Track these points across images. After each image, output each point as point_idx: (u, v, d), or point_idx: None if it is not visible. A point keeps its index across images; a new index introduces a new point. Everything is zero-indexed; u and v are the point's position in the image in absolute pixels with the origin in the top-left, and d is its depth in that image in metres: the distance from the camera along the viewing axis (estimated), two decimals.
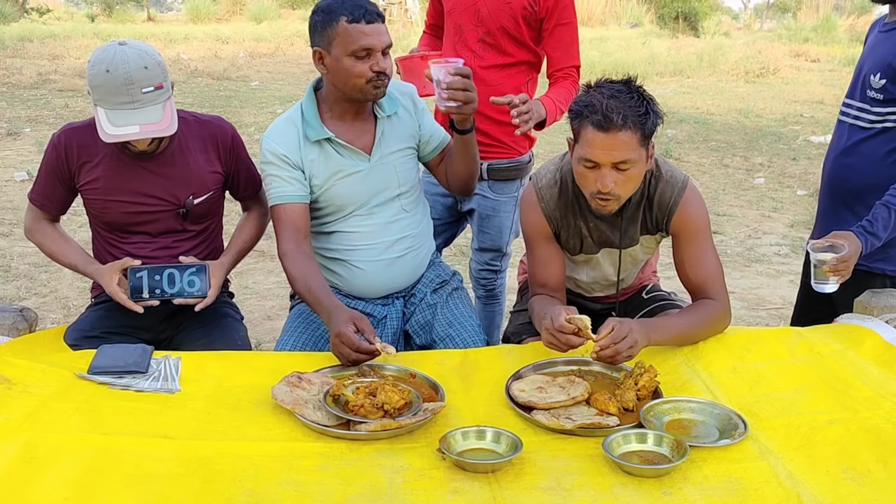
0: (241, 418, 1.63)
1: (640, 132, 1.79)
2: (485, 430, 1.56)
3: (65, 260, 2.15)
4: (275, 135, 2.08)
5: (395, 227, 2.18)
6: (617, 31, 19.19)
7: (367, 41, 1.94)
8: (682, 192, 1.98)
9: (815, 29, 19.79)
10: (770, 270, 4.76)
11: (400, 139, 2.17)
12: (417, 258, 2.25)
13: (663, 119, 1.87)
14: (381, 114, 2.12)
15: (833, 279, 2.02)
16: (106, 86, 1.92)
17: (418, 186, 2.28)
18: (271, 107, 9.83)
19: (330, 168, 2.09)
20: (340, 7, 1.94)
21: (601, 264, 2.14)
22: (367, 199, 2.14)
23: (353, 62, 1.96)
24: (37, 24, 19.26)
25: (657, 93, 10.93)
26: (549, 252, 2.09)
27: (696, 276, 2.00)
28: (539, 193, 2.05)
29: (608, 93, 1.80)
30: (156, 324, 2.17)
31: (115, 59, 1.93)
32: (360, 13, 1.93)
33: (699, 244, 2.00)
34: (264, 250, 4.87)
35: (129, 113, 1.93)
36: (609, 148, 1.79)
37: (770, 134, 8.83)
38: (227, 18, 23.03)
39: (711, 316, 1.97)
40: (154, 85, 1.95)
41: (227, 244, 2.28)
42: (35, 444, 1.46)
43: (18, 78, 11.06)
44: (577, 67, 2.62)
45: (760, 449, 1.51)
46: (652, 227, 2.04)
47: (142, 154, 2.11)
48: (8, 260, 4.62)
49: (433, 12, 2.81)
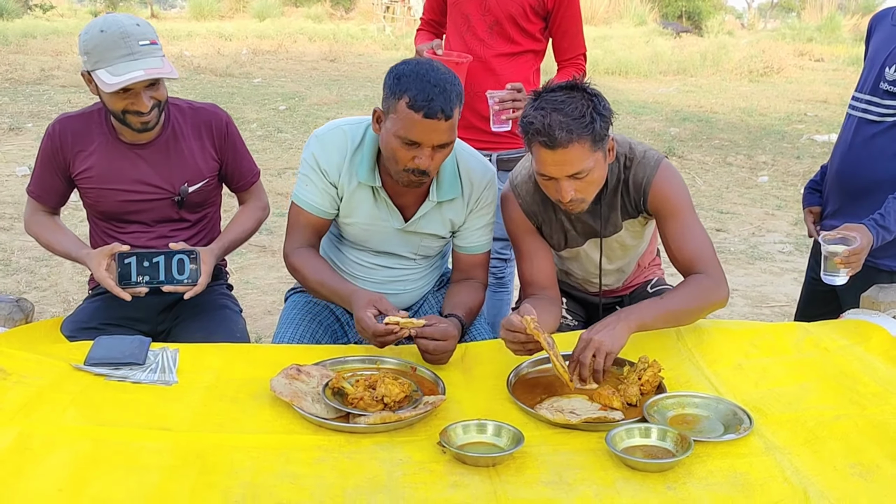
0: (238, 410, 1.61)
1: (588, 141, 1.75)
2: (486, 424, 1.54)
3: (59, 248, 2.13)
4: (327, 145, 1.98)
5: (396, 272, 2.14)
6: (620, 30, 19.16)
7: (417, 134, 1.79)
8: (654, 170, 1.95)
9: (819, 29, 19.77)
10: (774, 268, 4.73)
11: (440, 225, 2.07)
12: (414, 296, 2.20)
13: (611, 115, 1.81)
14: (434, 197, 2.00)
15: (844, 271, 2.00)
16: (103, 44, 1.91)
17: (437, 258, 2.22)
18: (273, 103, 9.82)
19: (362, 208, 2.02)
20: (411, 85, 1.77)
21: (590, 256, 2.12)
22: (379, 246, 2.10)
23: (399, 144, 1.81)
24: (40, 21, 19.27)
25: (659, 91, 10.90)
26: (534, 245, 2.07)
27: (682, 253, 1.95)
28: (515, 190, 2.04)
29: (550, 106, 1.74)
30: (153, 315, 2.15)
31: (107, 20, 1.94)
32: (423, 102, 1.75)
33: (680, 220, 1.96)
34: (265, 245, 4.85)
35: (131, 63, 1.91)
36: (559, 163, 1.77)
37: (774, 133, 8.80)
38: (230, 15, 23.04)
39: (701, 288, 1.90)
40: (149, 39, 1.95)
41: (222, 233, 2.25)
42: (29, 434, 1.44)
43: (21, 74, 11.06)
44: (583, 54, 2.70)
45: (766, 444, 1.49)
46: (632, 209, 2.02)
47: (136, 142, 2.09)
48: (8, 254, 4.61)
49: (434, 7, 2.80)
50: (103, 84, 1.91)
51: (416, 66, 1.81)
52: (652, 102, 10.73)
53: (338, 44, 16.36)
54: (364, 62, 14.44)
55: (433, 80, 1.77)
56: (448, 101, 1.78)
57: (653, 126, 8.97)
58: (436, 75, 1.78)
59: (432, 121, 1.77)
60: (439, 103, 1.76)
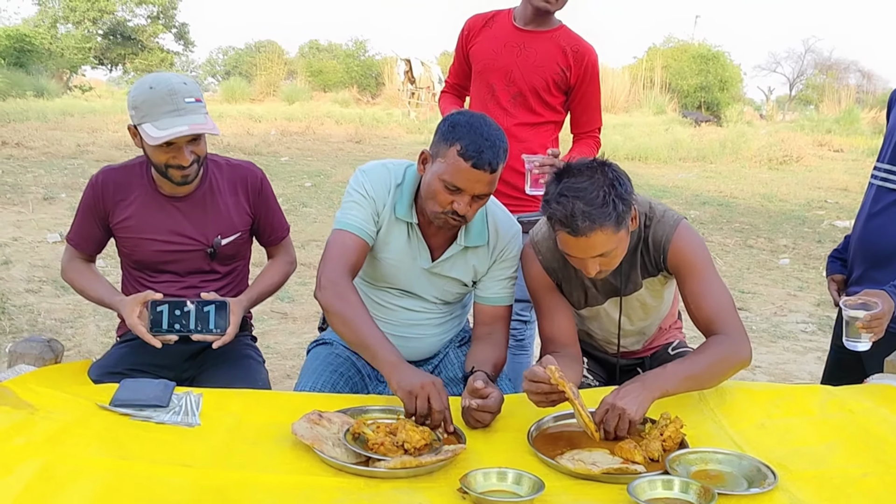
0: (260, 452, 1.61)
1: (611, 226, 1.78)
2: (506, 472, 1.53)
3: (93, 294, 2.18)
4: (373, 176, 2.05)
5: (417, 315, 2.16)
6: (640, 118, 19.54)
7: (461, 181, 1.87)
8: (674, 228, 1.97)
9: (838, 121, 20.04)
10: (797, 347, 4.68)
11: (464, 271, 2.12)
12: (434, 343, 2.22)
13: (632, 195, 1.84)
14: (462, 241, 2.07)
15: (866, 336, 1.99)
16: (151, 100, 2.00)
17: (457, 306, 2.25)
18: (300, 180, 10.05)
19: (396, 243, 2.07)
20: (465, 135, 1.86)
21: (611, 316, 2.13)
22: (404, 285, 2.13)
23: (442, 188, 1.89)
24: (79, 101, 20.05)
25: (679, 177, 10.98)
26: (554, 302, 2.09)
27: (701, 311, 1.95)
28: (536, 247, 2.07)
29: (572, 194, 1.77)
30: (178, 362, 2.18)
31: (157, 79, 2.04)
32: (473, 153, 1.84)
33: (699, 277, 1.96)
34: (287, 312, 4.89)
35: (175, 118, 1.99)
36: (584, 248, 1.81)
37: (794, 218, 8.83)
38: (261, 99, 23.85)
39: (723, 350, 1.89)
40: (195, 97, 2.03)
41: (250, 285, 2.30)
42: (54, 465, 1.45)
43: (58, 148, 11.44)
44: (599, 128, 2.81)
45: (791, 499, 1.46)
46: (652, 268, 2.03)
47: (174, 194, 2.16)
48: (35, 315, 4.68)
49: (459, 72, 2.91)
50: (148, 137, 2.00)
51: (471, 118, 1.92)
52: (672, 187, 10.85)
53: (363, 127, 16.80)
54: (388, 144, 14.79)
55: (485, 134, 1.87)
56: (496, 155, 1.87)
57: (673, 209, 9.03)
58: (488, 130, 1.88)
59: (479, 171, 1.86)
60: (488, 156, 1.85)
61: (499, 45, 2.73)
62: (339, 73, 28.85)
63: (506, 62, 2.71)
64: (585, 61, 2.71)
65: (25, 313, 4.69)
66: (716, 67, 23.95)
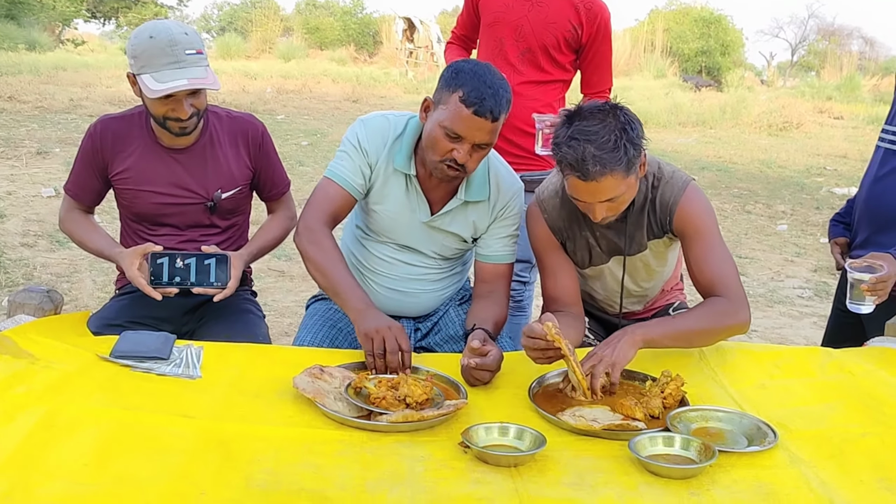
0: (261, 404, 1.61)
1: (621, 171, 1.76)
2: (508, 427, 1.54)
3: (92, 245, 2.16)
4: (371, 128, 2.04)
5: (416, 269, 2.15)
6: (640, 82, 19.36)
7: (462, 128, 1.84)
8: (682, 190, 1.96)
9: (839, 88, 19.87)
10: (793, 312, 4.70)
11: (463, 226, 2.10)
12: (432, 298, 2.21)
13: (643, 140, 1.82)
14: (462, 196, 2.04)
15: (870, 299, 1.99)
16: (151, 50, 1.95)
17: (457, 263, 2.23)
18: (296, 139, 9.97)
19: (393, 195, 2.05)
20: (468, 81, 1.84)
21: (615, 274, 2.12)
22: (403, 239, 2.12)
23: (442, 135, 1.86)
24: (71, 55, 19.72)
25: (678, 142, 10.88)
26: (558, 261, 2.07)
27: (703, 276, 1.95)
28: (542, 205, 2.06)
29: (583, 137, 1.74)
30: (178, 316, 2.17)
31: (157, 27, 1.99)
32: (475, 99, 1.81)
33: (704, 242, 1.95)
34: (284, 270, 4.88)
35: (176, 71, 1.96)
36: (593, 192, 1.79)
37: (793, 184, 8.80)
38: (256, 56, 23.50)
39: (717, 311, 1.88)
40: (196, 49, 1.99)
41: (250, 239, 2.28)
42: (55, 413, 1.46)
43: (51, 102, 11.30)
44: (609, 88, 2.76)
45: (791, 457, 1.47)
46: (658, 229, 2.02)
47: (174, 146, 2.13)
48: (31, 269, 4.66)
49: (467, 23, 2.85)
50: (147, 90, 1.96)
51: (476, 65, 1.89)
52: (671, 151, 10.79)
53: (360, 86, 16.62)
54: (386, 104, 14.64)
55: (488, 82, 1.84)
56: (498, 103, 1.84)
57: None
58: (492, 78, 1.86)
59: (480, 119, 1.83)
60: (490, 104, 1.82)
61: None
62: (335, 30, 28.40)
63: (517, 16, 2.65)
64: (598, 20, 2.65)
65: (21, 267, 4.67)
66: (717, 31, 23.69)
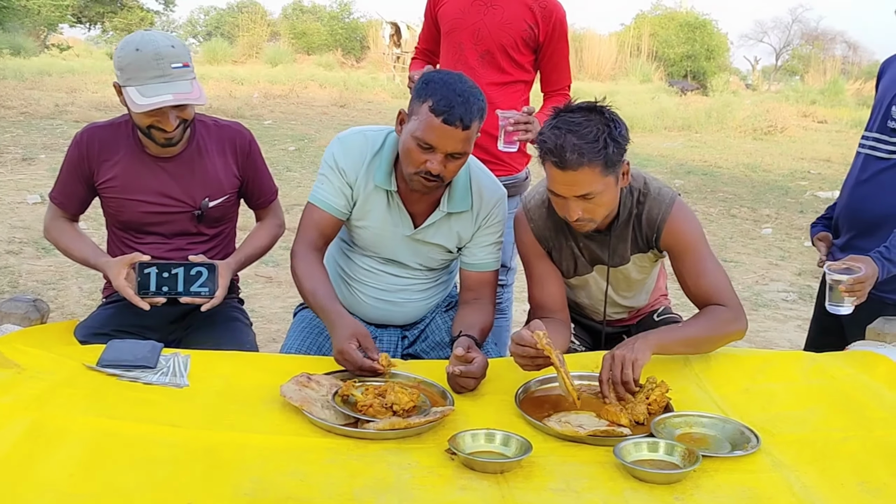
0: (248, 413, 1.61)
1: (599, 165, 1.77)
2: (494, 433, 1.55)
3: (77, 254, 2.15)
4: (348, 146, 2.04)
5: (402, 280, 2.16)
6: (626, 86, 19.47)
7: (433, 138, 1.84)
8: (669, 207, 1.98)
9: (823, 92, 20.08)
10: (777, 315, 4.74)
11: (447, 237, 2.10)
12: (419, 307, 2.21)
13: (627, 142, 1.84)
14: (445, 207, 2.04)
15: (849, 301, 2.02)
16: (136, 63, 1.95)
17: (442, 272, 2.24)
18: (283, 144, 9.96)
19: (376, 211, 2.06)
20: (437, 91, 1.83)
21: (599, 284, 2.14)
22: (387, 253, 2.12)
23: (415, 145, 1.86)
24: (56, 60, 19.64)
25: (664, 146, 10.95)
26: (545, 269, 2.09)
27: (699, 288, 1.98)
28: (528, 214, 2.07)
29: (566, 127, 1.77)
30: (165, 324, 2.17)
31: (144, 39, 1.98)
32: (444, 109, 1.81)
33: (695, 257, 1.98)
34: (272, 277, 4.88)
35: (161, 86, 1.95)
36: (569, 184, 1.80)
37: (777, 188, 8.88)
38: (243, 61, 23.47)
39: (720, 319, 1.93)
40: (182, 62, 1.99)
41: (238, 248, 2.28)
42: (42, 423, 1.45)
43: (36, 108, 11.25)
44: (569, 86, 2.79)
45: (773, 461, 1.49)
46: (643, 244, 2.04)
47: (161, 155, 2.13)
48: (16, 276, 4.64)
49: (428, 37, 2.88)
50: (132, 103, 1.96)
51: (446, 75, 1.89)
52: (657, 156, 10.86)
53: (348, 91, 16.63)
54: (373, 109, 14.66)
55: (458, 90, 1.84)
56: (468, 111, 1.83)
57: (657, 177, 9.05)
58: (462, 86, 1.85)
59: (450, 127, 1.82)
60: (459, 112, 1.82)
61: (466, 4, 2.69)
62: (323, 35, 28.41)
63: (474, 20, 2.68)
64: (553, 18, 2.68)
65: (7, 275, 4.65)
66: (703, 36, 23.88)
